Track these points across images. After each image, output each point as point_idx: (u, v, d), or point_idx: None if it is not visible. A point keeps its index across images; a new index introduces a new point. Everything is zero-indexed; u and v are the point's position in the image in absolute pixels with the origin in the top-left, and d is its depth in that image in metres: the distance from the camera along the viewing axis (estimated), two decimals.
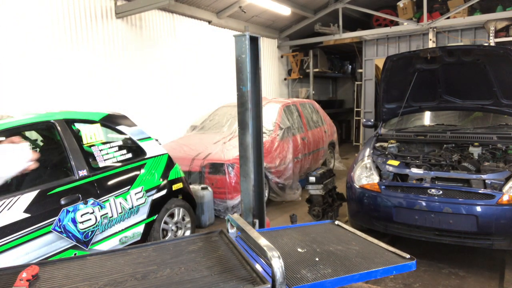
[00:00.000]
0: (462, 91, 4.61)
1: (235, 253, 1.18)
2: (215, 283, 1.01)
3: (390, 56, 4.71)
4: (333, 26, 9.83)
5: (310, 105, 7.86)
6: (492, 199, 3.30)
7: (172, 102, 7.18)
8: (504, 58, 4.07)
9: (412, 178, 3.76)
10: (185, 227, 4.20)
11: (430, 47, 7.89)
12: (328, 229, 1.56)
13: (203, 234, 1.36)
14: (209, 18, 7.97)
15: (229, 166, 5.15)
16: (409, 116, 5.14)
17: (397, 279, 3.41)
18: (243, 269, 1.08)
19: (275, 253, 1.00)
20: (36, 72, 5.09)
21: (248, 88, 2.86)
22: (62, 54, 5.40)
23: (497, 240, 3.33)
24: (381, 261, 1.24)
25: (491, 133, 4.31)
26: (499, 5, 8.16)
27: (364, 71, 10.15)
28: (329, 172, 4.98)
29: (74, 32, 5.54)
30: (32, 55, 5.04)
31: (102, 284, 1.01)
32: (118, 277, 1.05)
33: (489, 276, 3.47)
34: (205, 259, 1.16)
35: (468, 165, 3.75)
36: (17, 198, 2.74)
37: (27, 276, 1.02)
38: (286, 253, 1.29)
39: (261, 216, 3.10)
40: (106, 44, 6.00)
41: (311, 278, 1.11)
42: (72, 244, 2.98)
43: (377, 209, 3.73)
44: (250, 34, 2.86)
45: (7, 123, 2.95)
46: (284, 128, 6.10)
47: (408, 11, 9.21)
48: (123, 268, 1.11)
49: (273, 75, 10.56)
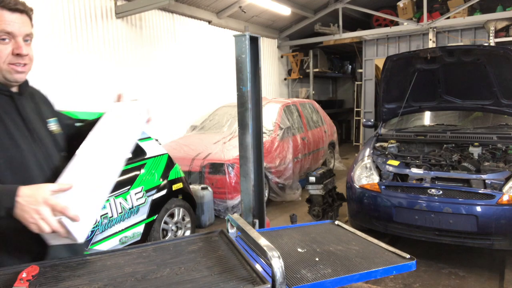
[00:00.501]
0: (462, 91, 4.61)
1: (235, 253, 1.18)
2: (215, 283, 1.01)
3: (390, 56, 4.71)
4: (333, 26, 9.82)
5: (310, 105, 7.86)
6: (492, 199, 3.30)
7: (172, 102, 7.18)
8: (504, 58, 4.07)
9: (412, 178, 3.76)
10: (185, 227, 4.20)
11: (430, 47, 7.89)
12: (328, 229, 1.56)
13: (203, 234, 1.36)
14: (209, 18, 7.97)
15: (229, 166, 5.15)
16: (409, 116, 5.14)
17: (397, 279, 3.41)
18: (243, 269, 1.08)
19: (275, 253, 1.00)
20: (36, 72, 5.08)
21: (248, 88, 2.86)
22: (62, 53, 5.39)
23: (497, 240, 3.33)
24: (381, 261, 1.24)
25: (491, 133, 4.31)
26: (499, 5, 8.16)
27: (364, 71, 10.15)
28: (329, 172, 4.98)
29: (74, 31, 5.54)
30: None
31: (102, 284, 1.01)
32: (118, 277, 1.05)
33: (489, 276, 3.47)
34: (205, 259, 1.16)
35: (468, 165, 3.75)
36: None
37: (27, 276, 1.01)
38: (286, 253, 1.28)
39: (261, 216, 3.10)
40: (106, 44, 6.00)
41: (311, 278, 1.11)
42: None
43: (377, 209, 3.73)
44: (250, 34, 2.86)
45: None
46: (284, 128, 6.10)
47: (408, 11, 9.21)
48: (123, 268, 1.11)
49: (273, 75, 10.56)
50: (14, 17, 1.20)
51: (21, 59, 1.24)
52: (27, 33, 1.25)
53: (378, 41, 9.81)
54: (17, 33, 1.21)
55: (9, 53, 1.22)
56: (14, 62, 1.23)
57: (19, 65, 1.25)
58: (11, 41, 1.22)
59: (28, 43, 1.26)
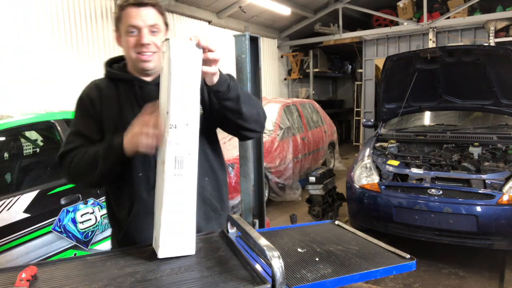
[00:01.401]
0: (462, 91, 4.61)
1: (235, 253, 1.18)
2: (215, 283, 1.01)
3: (390, 56, 4.71)
4: (333, 26, 9.83)
5: (310, 105, 7.86)
6: (492, 199, 3.30)
7: None
8: (504, 58, 4.07)
9: (412, 178, 3.76)
10: None
11: (430, 47, 7.89)
12: (328, 229, 1.56)
13: (203, 234, 1.36)
14: (209, 18, 7.97)
15: (229, 166, 5.15)
16: (409, 116, 5.14)
17: (397, 279, 3.41)
18: (243, 269, 1.08)
19: (275, 253, 1.00)
20: (35, 71, 5.09)
21: (248, 88, 2.86)
22: (62, 53, 5.39)
23: (497, 240, 3.33)
24: (381, 261, 1.24)
25: (491, 133, 4.31)
26: (499, 5, 8.16)
27: (364, 71, 10.15)
28: (329, 172, 4.98)
29: (73, 31, 5.54)
30: (31, 55, 5.04)
31: (102, 285, 1.01)
32: (118, 277, 1.05)
33: (489, 276, 3.47)
34: (205, 259, 1.16)
35: (468, 165, 3.75)
36: (17, 198, 2.74)
37: (26, 276, 1.01)
38: (286, 253, 1.28)
39: (261, 216, 3.10)
40: (106, 44, 5.99)
41: (311, 278, 1.11)
42: (72, 244, 2.98)
43: (377, 209, 3.73)
44: (250, 34, 2.86)
45: (7, 123, 2.95)
46: (284, 128, 6.10)
47: (408, 11, 9.21)
48: (123, 268, 1.11)
49: (273, 75, 10.56)
50: (138, 11, 1.33)
51: (144, 48, 1.35)
52: (151, 24, 1.34)
53: (378, 41, 9.81)
54: (141, 25, 1.33)
55: (135, 43, 1.35)
56: (139, 51, 1.36)
57: (143, 54, 1.36)
58: (137, 33, 1.34)
59: (155, 34, 1.36)
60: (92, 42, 5.76)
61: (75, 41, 5.55)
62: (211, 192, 1.48)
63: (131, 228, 1.40)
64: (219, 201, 1.53)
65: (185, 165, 1.15)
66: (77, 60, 5.58)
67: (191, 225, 1.18)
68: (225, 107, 1.32)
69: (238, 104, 1.31)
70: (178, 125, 1.14)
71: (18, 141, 3.50)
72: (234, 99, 1.30)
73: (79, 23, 5.61)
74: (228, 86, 1.27)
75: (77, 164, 1.35)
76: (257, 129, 1.44)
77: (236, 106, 1.31)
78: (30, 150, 3.88)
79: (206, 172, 1.45)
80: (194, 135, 1.16)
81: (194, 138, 1.16)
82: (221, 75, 1.25)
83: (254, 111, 1.38)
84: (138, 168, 1.38)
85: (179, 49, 1.13)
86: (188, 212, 1.18)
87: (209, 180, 1.47)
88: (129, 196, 1.39)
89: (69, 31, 5.48)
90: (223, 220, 1.49)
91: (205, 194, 1.44)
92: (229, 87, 1.27)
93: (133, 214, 1.39)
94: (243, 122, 1.37)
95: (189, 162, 1.16)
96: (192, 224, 1.18)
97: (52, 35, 5.27)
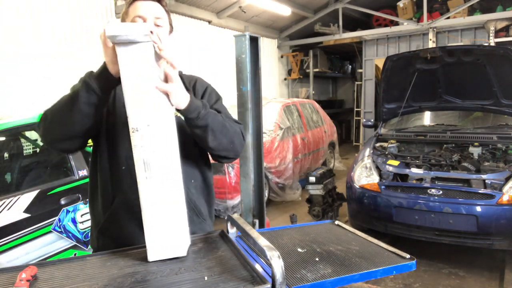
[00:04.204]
0: (462, 91, 4.61)
1: (235, 253, 1.18)
2: (215, 283, 1.01)
3: (390, 56, 4.71)
4: (333, 26, 9.82)
5: (310, 105, 7.86)
6: (492, 199, 3.30)
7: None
8: (504, 58, 4.06)
9: (412, 178, 3.76)
10: None
11: (430, 47, 7.89)
12: (328, 229, 1.56)
13: (203, 235, 1.36)
14: (209, 18, 7.96)
15: (229, 166, 5.15)
16: (409, 116, 5.14)
17: (397, 279, 3.41)
18: (243, 270, 1.08)
19: (275, 253, 1.00)
20: (35, 72, 5.09)
21: (248, 88, 2.86)
22: (62, 53, 5.39)
23: (497, 240, 3.33)
24: (381, 261, 1.24)
25: (491, 133, 4.31)
26: (499, 5, 8.16)
27: (364, 71, 10.15)
28: (329, 172, 4.98)
29: (73, 31, 5.54)
30: (31, 55, 5.04)
31: (102, 285, 1.01)
32: (118, 277, 1.05)
33: (489, 276, 3.47)
34: (205, 259, 1.16)
35: (468, 165, 3.75)
36: (17, 198, 2.74)
37: (26, 276, 1.01)
38: (286, 253, 1.28)
39: (261, 216, 3.10)
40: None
41: (311, 278, 1.11)
42: (72, 244, 2.98)
43: (377, 209, 3.73)
44: (250, 34, 2.87)
45: (7, 123, 2.95)
46: (284, 128, 6.10)
47: (408, 11, 9.21)
48: (123, 268, 1.11)
49: (273, 75, 10.56)
50: (144, 3, 1.39)
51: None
52: (156, 16, 1.39)
53: (378, 41, 9.81)
54: (146, 16, 1.37)
55: None
56: None
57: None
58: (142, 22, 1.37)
59: (160, 27, 1.40)
60: (92, 41, 5.76)
61: (75, 40, 5.54)
62: (196, 196, 1.45)
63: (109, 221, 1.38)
64: (204, 205, 1.49)
65: (153, 166, 1.12)
66: (77, 59, 5.58)
67: (179, 226, 1.16)
68: (193, 132, 1.30)
69: (205, 133, 1.28)
70: (139, 128, 1.10)
71: (18, 141, 3.50)
72: (202, 127, 1.27)
73: (79, 22, 5.60)
74: (198, 114, 1.24)
75: (55, 108, 1.34)
76: (230, 156, 1.41)
77: (203, 134, 1.28)
78: (30, 150, 3.89)
79: (191, 174, 1.43)
80: (159, 134, 1.12)
81: (159, 138, 1.12)
82: (192, 102, 1.23)
83: (225, 141, 1.33)
84: (123, 162, 1.36)
85: (125, 51, 1.11)
86: (173, 213, 1.15)
87: (195, 182, 1.45)
88: (112, 189, 1.38)
89: (69, 31, 5.48)
90: (207, 226, 1.47)
91: (189, 196, 1.40)
92: (198, 115, 1.24)
93: (113, 208, 1.37)
94: (211, 150, 1.36)
95: (157, 163, 1.12)
96: (181, 225, 1.16)
97: (52, 34, 5.27)
